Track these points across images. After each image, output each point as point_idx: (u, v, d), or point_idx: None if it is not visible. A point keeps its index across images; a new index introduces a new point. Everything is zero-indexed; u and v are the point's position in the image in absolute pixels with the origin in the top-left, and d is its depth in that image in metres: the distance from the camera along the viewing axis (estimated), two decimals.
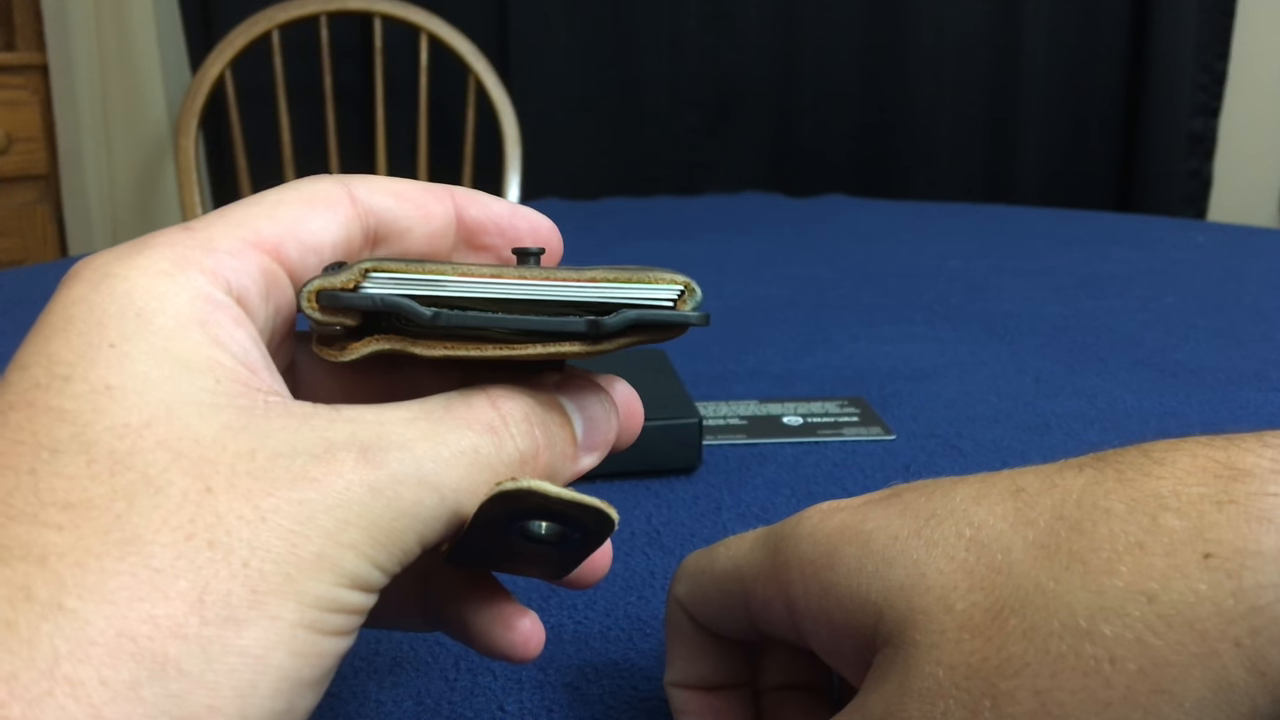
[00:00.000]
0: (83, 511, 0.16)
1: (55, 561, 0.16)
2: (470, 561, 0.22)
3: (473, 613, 0.23)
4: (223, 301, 0.19)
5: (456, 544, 0.20)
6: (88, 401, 0.17)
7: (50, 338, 0.18)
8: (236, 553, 0.16)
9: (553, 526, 0.20)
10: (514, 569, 0.23)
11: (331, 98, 1.57)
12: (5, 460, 0.16)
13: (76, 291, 0.18)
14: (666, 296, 0.20)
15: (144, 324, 0.18)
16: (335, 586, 0.17)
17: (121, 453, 0.16)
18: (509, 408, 0.20)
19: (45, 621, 0.15)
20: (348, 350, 0.20)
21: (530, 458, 0.20)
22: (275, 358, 0.21)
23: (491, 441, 0.19)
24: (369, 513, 0.17)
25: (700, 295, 0.21)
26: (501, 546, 0.21)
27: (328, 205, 0.21)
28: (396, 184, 0.23)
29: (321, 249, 0.21)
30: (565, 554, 0.21)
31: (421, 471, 0.18)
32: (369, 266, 0.20)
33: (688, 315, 0.20)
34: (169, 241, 0.19)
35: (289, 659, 0.16)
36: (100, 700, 0.15)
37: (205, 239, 0.19)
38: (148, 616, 0.15)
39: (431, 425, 0.19)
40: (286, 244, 0.21)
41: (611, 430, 0.23)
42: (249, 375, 0.19)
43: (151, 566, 0.16)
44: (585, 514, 0.19)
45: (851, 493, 0.43)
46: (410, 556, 0.18)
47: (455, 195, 0.23)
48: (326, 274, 0.20)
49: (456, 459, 0.19)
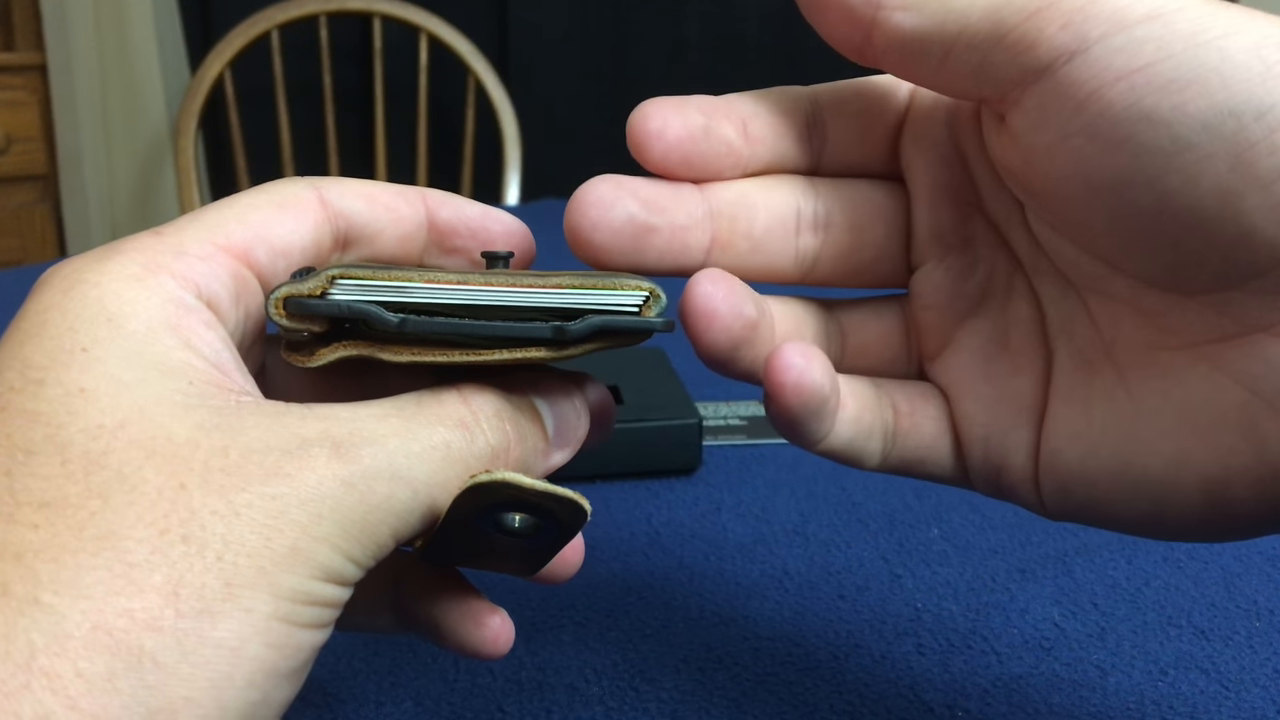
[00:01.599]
0: (58, 509, 0.16)
1: (31, 558, 0.16)
2: (445, 558, 0.23)
3: (443, 611, 0.24)
4: (193, 306, 0.19)
5: (430, 540, 0.20)
6: (61, 404, 0.17)
7: (23, 343, 0.18)
8: (210, 547, 0.16)
9: (526, 518, 0.20)
10: (488, 565, 0.23)
11: (331, 98, 1.57)
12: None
13: (48, 298, 0.19)
14: (631, 303, 0.21)
15: (116, 328, 0.18)
16: (309, 579, 0.17)
17: (96, 453, 0.17)
18: (480, 403, 0.20)
19: (22, 616, 0.15)
20: (316, 356, 0.20)
21: (501, 452, 0.20)
22: (246, 360, 0.21)
23: (463, 436, 0.20)
24: (342, 506, 0.18)
25: (665, 301, 0.21)
26: (476, 541, 0.21)
27: (297, 209, 0.22)
28: (367, 186, 0.23)
29: (290, 252, 0.21)
30: (539, 547, 0.22)
31: (394, 466, 0.18)
32: (336, 273, 0.20)
33: (651, 321, 0.21)
34: (139, 247, 0.19)
35: (264, 650, 0.17)
36: (77, 692, 0.15)
37: (175, 244, 0.20)
38: (123, 610, 0.16)
39: (403, 421, 0.19)
40: (256, 248, 0.21)
41: (582, 427, 0.23)
42: (221, 377, 0.19)
43: (127, 561, 0.16)
44: (559, 504, 0.20)
45: (852, 493, 0.43)
46: (384, 551, 0.19)
47: (427, 198, 0.24)
48: (294, 280, 0.20)
49: (429, 454, 0.19)
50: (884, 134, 0.24)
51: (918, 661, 0.32)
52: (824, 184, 0.24)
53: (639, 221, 0.22)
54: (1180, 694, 0.30)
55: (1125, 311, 0.21)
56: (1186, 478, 0.20)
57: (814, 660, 0.32)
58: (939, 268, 0.24)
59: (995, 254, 0.23)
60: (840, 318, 0.25)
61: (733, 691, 0.31)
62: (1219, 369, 0.19)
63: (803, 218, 0.24)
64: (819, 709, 0.30)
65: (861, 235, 0.24)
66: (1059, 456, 0.22)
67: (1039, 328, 0.23)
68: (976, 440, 0.23)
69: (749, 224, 0.23)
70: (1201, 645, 0.33)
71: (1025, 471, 0.22)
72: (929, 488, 0.44)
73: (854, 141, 0.24)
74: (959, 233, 0.23)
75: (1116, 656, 0.32)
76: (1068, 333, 0.22)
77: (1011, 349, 0.23)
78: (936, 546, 0.39)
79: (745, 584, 0.36)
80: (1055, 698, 0.30)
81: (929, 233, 0.24)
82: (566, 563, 0.25)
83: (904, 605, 0.35)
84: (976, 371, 0.23)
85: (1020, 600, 0.35)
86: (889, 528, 0.40)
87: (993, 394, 0.23)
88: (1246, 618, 0.34)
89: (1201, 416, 0.19)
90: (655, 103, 0.23)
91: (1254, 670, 0.32)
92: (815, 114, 0.24)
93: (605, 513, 0.41)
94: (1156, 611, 0.35)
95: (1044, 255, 0.22)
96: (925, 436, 0.23)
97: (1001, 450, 0.23)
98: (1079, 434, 0.21)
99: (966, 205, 0.23)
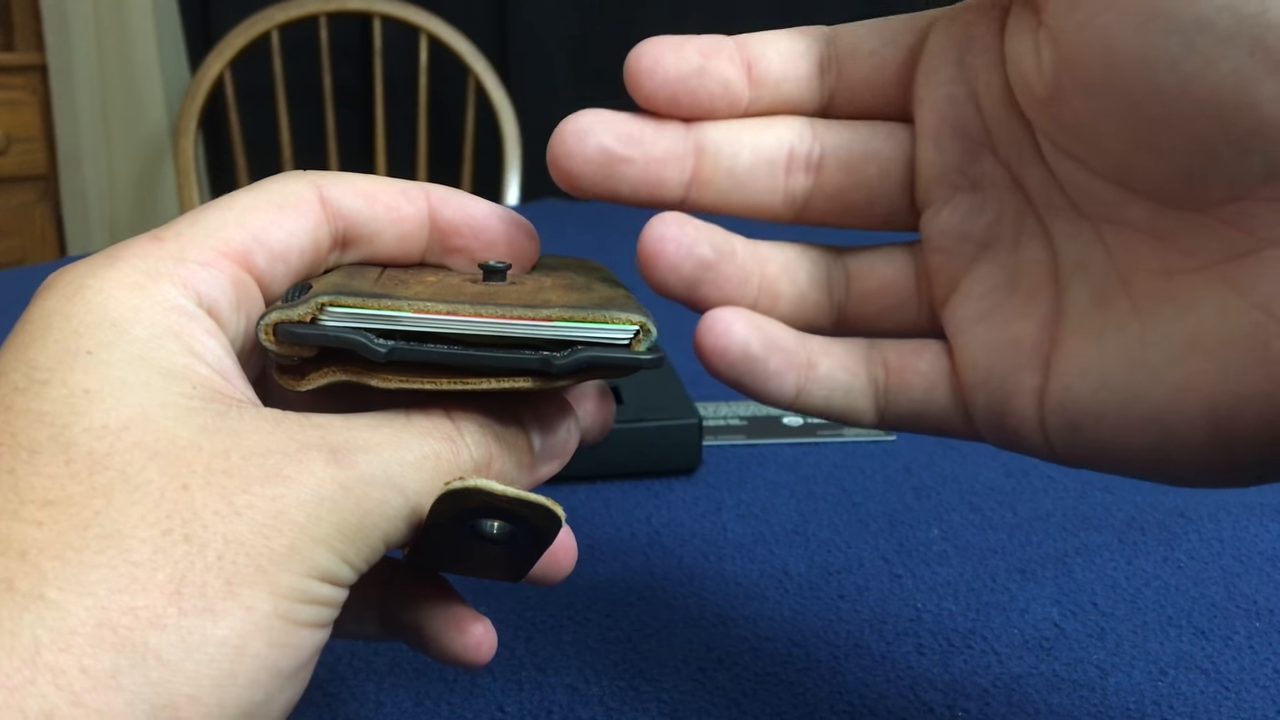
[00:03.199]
0: (62, 508, 0.16)
1: (36, 555, 0.16)
2: (430, 564, 0.23)
3: (426, 618, 0.24)
4: (195, 313, 0.19)
5: (415, 546, 0.20)
6: (66, 404, 0.17)
7: (28, 345, 0.18)
8: (211, 546, 0.17)
9: (504, 526, 0.21)
10: (471, 571, 0.23)
11: (331, 98, 1.57)
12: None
13: (52, 303, 0.19)
14: (620, 336, 0.21)
15: (120, 333, 0.18)
16: (306, 578, 0.17)
17: (100, 453, 0.17)
18: (464, 418, 0.21)
19: (27, 612, 0.15)
20: (306, 380, 0.21)
21: (484, 465, 0.21)
22: (246, 367, 0.21)
23: (449, 449, 0.20)
24: (339, 509, 0.18)
25: (655, 335, 0.21)
26: (457, 547, 0.21)
27: (297, 209, 0.22)
28: (369, 184, 0.23)
29: (289, 256, 0.22)
30: (517, 553, 0.22)
31: (388, 473, 0.19)
32: (326, 301, 0.20)
33: (639, 357, 0.21)
34: (140, 253, 0.20)
35: (265, 649, 0.17)
36: (81, 688, 0.15)
37: (176, 250, 0.20)
38: (127, 607, 0.16)
39: (395, 432, 0.20)
40: (255, 253, 0.21)
41: (572, 441, 0.23)
42: (223, 383, 0.19)
43: (130, 560, 0.16)
44: (532, 511, 0.20)
45: (852, 494, 0.43)
46: (376, 555, 0.19)
47: (431, 195, 0.24)
48: (284, 305, 0.20)
49: (419, 463, 0.20)
50: (896, 73, 0.24)
51: (918, 661, 0.32)
52: (823, 124, 0.24)
53: (612, 153, 0.23)
54: (1180, 694, 0.30)
55: (1140, 239, 0.21)
56: (1193, 407, 0.19)
57: (814, 660, 0.32)
58: (946, 208, 0.24)
59: (1005, 195, 0.23)
60: (848, 263, 0.25)
61: (733, 691, 0.31)
62: (1233, 290, 0.19)
63: (795, 157, 0.24)
64: (819, 709, 0.30)
65: (853, 175, 0.24)
66: (1068, 394, 0.21)
67: (1049, 268, 0.22)
68: (979, 386, 0.23)
69: (732, 161, 0.23)
70: (1201, 645, 0.33)
71: (1031, 413, 0.22)
72: (929, 487, 0.44)
73: (866, 82, 0.24)
74: (967, 173, 0.23)
75: (1116, 656, 0.32)
76: (1081, 269, 0.22)
77: (1020, 291, 0.23)
78: (936, 546, 0.39)
79: (745, 584, 0.36)
80: (1055, 698, 0.30)
81: (936, 172, 0.23)
82: (559, 564, 0.25)
83: (904, 605, 0.35)
84: (984, 314, 0.23)
85: (1020, 600, 0.35)
86: (889, 528, 0.40)
87: (999, 337, 0.23)
88: (1246, 618, 0.34)
89: (1213, 340, 0.19)
90: (653, 41, 0.23)
91: (1254, 670, 0.32)
92: (830, 55, 0.24)
93: (605, 513, 0.41)
94: (1156, 611, 0.35)
95: (1058, 189, 0.22)
96: (918, 391, 0.23)
97: (1005, 393, 0.22)
98: (1089, 369, 0.21)
99: (976, 145, 0.23)
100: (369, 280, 0.22)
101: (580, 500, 0.42)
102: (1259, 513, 0.41)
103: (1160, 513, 0.41)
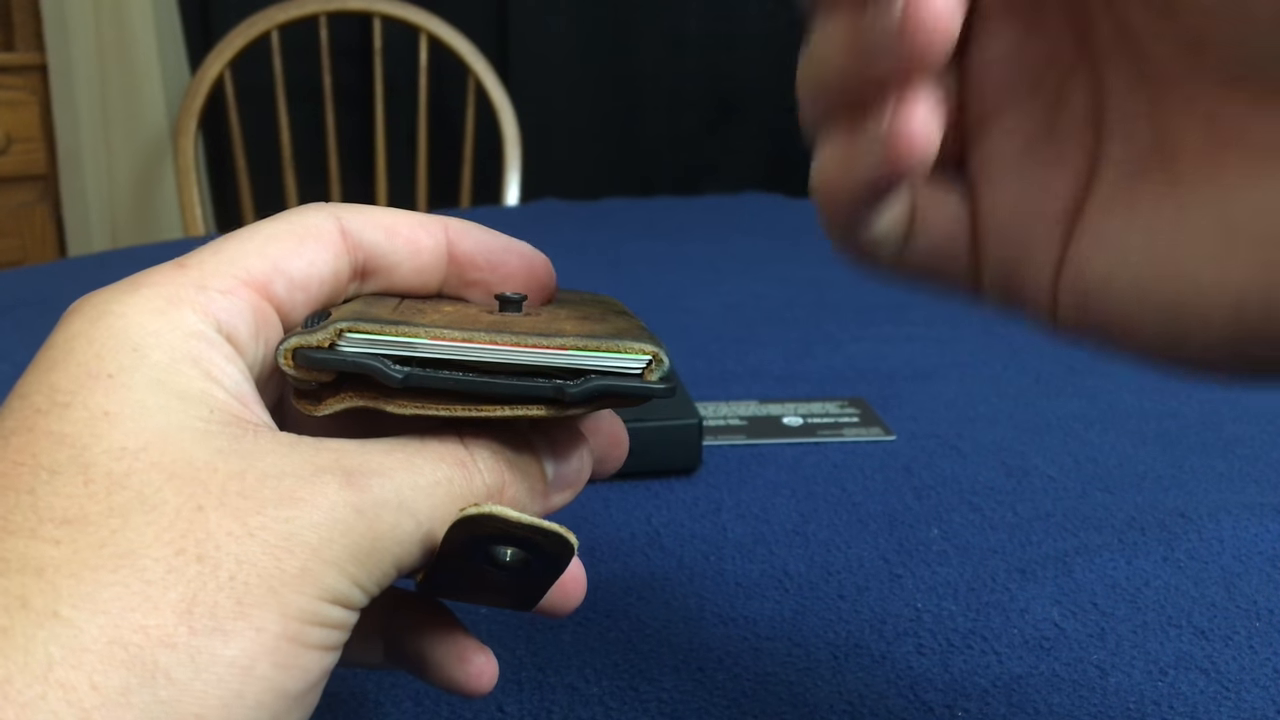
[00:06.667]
0: (79, 527, 0.17)
1: (52, 573, 0.16)
2: (443, 590, 0.23)
3: (430, 647, 0.24)
4: (214, 339, 0.20)
5: (428, 573, 0.21)
6: (86, 426, 0.18)
7: (51, 369, 0.19)
8: (224, 566, 0.17)
9: (517, 552, 0.21)
10: (483, 599, 0.23)
11: (331, 98, 1.57)
12: (6, 481, 0.17)
13: (75, 327, 0.19)
14: (634, 366, 0.21)
15: (141, 357, 0.19)
16: (317, 600, 0.18)
17: (118, 474, 0.17)
18: (477, 445, 0.21)
19: (40, 629, 0.16)
20: (323, 405, 0.21)
21: (496, 492, 0.21)
22: (263, 393, 0.21)
23: (463, 474, 0.20)
24: (351, 532, 0.18)
25: (668, 365, 0.21)
26: (470, 574, 0.21)
27: (317, 241, 0.22)
28: (389, 216, 0.23)
29: (309, 286, 0.22)
30: (530, 581, 0.22)
31: (401, 497, 0.19)
32: (344, 327, 0.20)
33: (651, 387, 0.21)
34: (163, 280, 0.20)
35: (274, 670, 0.17)
36: (91, 705, 0.15)
37: (197, 277, 0.20)
38: (139, 626, 0.16)
39: (408, 456, 0.20)
40: (275, 282, 0.21)
41: (585, 470, 0.24)
42: (240, 408, 0.19)
43: (144, 579, 0.16)
44: (545, 538, 0.20)
45: (852, 494, 0.43)
46: (387, 579, 0.19)
47: (449, 228, 0.24)
48: (304, 331, 0.21)
49: (432, 488, 0.20)
50: None
51: (918, 661, 0.32)
52: None
53: None
54: (1180, 694, 0.30)
55: (1198, 114, 0.19)
56: (1221, 295, 0.18)
57: (814, 660, 0.32)
58: (999, 36, 0.22)
59: (1064, 33, 0.21)
60: None
61: (733, 691, 0.31)
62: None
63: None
64: (819, 709, 0.30)
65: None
66: (1088, 263, 0.20)
67: (1093, 124, 0.21)
68: (995, 235, 0.22)
69: None
70: (1201, 645, 0.33)
71: (1044, 275, 0.21)
72: (929, 487, 0.44)
73: None
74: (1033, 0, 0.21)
75: (1116, 656, 0.32)
76: (1127, 132, 0.20)
77: (1056, 140, 0.21)
78: (936, 546, 0.39)
79: (745, 584, 0.36)
80: (1055, 698, 0.30)
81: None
82: (568, 595, 0.25)
83: (904, 605, 0.35)
84: (1014, 159, 0.22)
85: (1020, 600, 0.35)
86: (889, 528, 0.40)
87: (1026, 186, 0.22)
88: (1246, 618, 0.34)
89: (1255, 229, 0.18)
90: None
91: (1254, 670, 0.32)
92: None
93: (605, 513, 0.41)
94: (1156, 611, 0.35)
95: (1127, 40, 0.20)
96: (939, 235, 0.22)
97: (1021, 248, 0.21)
98: (1113, 241, 0.20)
99: None
100: (387, 308, 0.22)
101: (580, 500, 0.42)
102: (1259, 513, 0.41)
103: (1160, 513, 0.41)
